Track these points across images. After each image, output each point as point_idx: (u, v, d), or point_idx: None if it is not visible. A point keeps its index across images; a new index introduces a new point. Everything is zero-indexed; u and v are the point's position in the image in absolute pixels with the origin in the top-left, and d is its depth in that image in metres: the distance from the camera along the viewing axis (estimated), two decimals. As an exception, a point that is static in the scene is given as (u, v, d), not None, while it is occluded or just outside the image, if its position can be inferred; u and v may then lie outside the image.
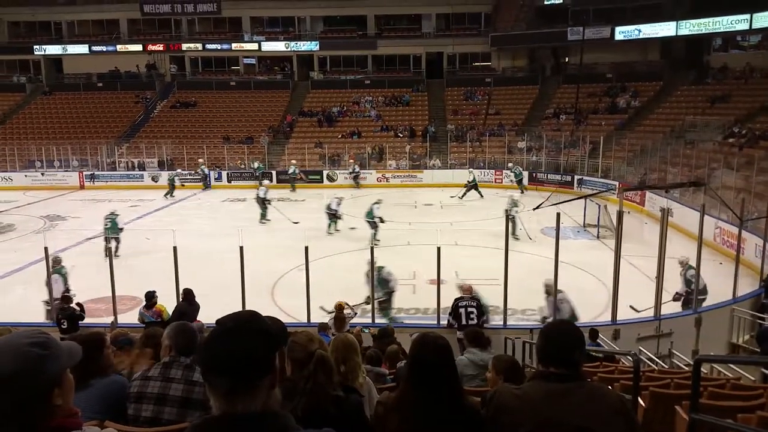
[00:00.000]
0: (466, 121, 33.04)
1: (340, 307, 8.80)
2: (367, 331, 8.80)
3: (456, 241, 15.89)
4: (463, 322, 8.41)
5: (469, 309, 8.58)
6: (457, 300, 8.78)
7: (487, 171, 28.86)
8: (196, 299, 9.19)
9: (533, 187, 26.70)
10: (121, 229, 16.03)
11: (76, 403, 1.55)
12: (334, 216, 18.59)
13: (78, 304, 9.44)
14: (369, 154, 30.58)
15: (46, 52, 38.27)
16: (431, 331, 5.71)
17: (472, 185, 25.27)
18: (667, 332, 9.09)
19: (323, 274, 12.13)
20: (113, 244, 14.75)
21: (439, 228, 17.12)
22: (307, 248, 9.82)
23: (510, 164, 27.54)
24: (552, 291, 9.33)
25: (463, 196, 24.98)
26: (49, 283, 10.02)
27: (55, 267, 10.63)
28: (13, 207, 23.86)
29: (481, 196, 25.03)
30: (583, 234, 18.28)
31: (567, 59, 35.89)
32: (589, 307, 10.68)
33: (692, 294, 9.85)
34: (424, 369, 2.26)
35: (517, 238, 16.34)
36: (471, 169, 26.91)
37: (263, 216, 20.42)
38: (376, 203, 17.76)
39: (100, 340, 3.04)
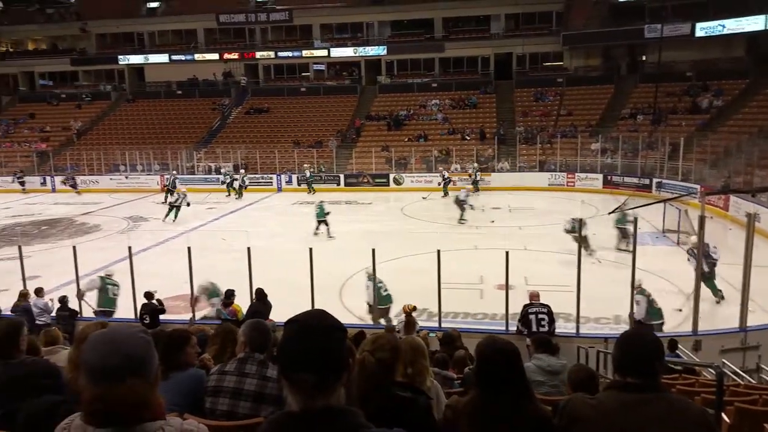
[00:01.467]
0: (536, 122, 32.38)
1: (408, 311, 8.82)
2: (433, 335, 8.77)
3: (525, 245, 15.58)
4: (533, 328, 8.23)
5: (540, 315, 8.39)
6: (526, 306, 8.60)
7: (559, 174, 28.16)
8: (267, 298, 9.47)
9: (608, 190, 25.83)
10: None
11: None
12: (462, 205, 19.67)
13: (158, 300, 9.92)
14: (435, 157, 30.50)
15: (130, 62, 40.42)
16: (499, 336, 5.63)
17: (446, 182, 26.42)
18: (754, 345, 8.55)
19: (392, 276, 12.20)
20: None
21: (507, 232, 16.89)
22: (374, 250, 9.90)
23: (472, 166, 28.10)
24: (642, 291, 9.11)
25: (445, 195, 25.63)
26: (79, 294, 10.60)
27: (107, 280, 11.17)
28: (100, 208, 25.32)
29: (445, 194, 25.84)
30: (662, 240, 17.50)
31: (644, 57, 34.52)
32: (668, 317, 10.21)
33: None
34: (492, 373, 2.23)
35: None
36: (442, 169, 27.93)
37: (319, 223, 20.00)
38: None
39: (186, 337, 3.18)
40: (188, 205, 21.72)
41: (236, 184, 28.03)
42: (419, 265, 13.23)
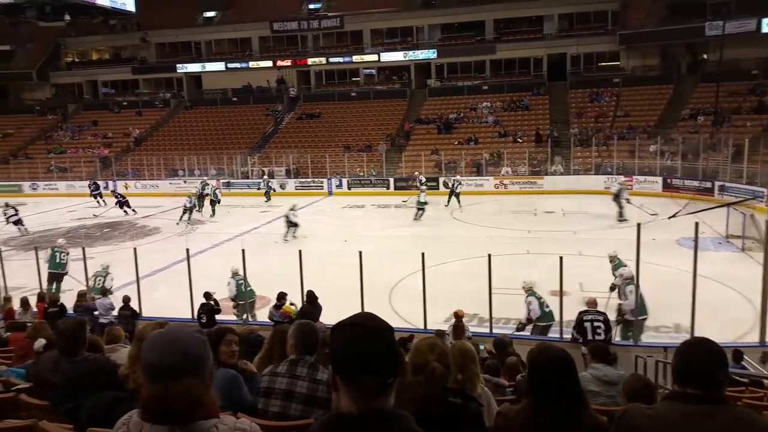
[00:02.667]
0: (591, 124, 31.63)
1: (458, 316, 8.74)
2: (483, 348, 8.66)
3: (580, 251, 15.20)
4: (589, 336, 8.01)
5: (596, 323, 8.16)
6: (581, 313, 8.38)
7: (615, 177, 27.37)
8: (317, 301, 9.59)
9: (668, 193, 24.94)
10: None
11: None
12: None
13: (215, 300, 10.20)
14: (486, 160, 30.20)
15: (188, 70, 41.73)
16: (552, 343, 5.50)
17: (453, 192, 25.12)
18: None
19: (442, 280, 12.14)
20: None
21: (561, 237, 16.53)
22: (423, 254, 9.89)
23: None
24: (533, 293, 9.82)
25: (448, 203, 24.84)
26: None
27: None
28: (159, 212, 26.20)
29: (448, 204, 24.57)
30: (725, 246, 16.74)
31: (705, 56, 33.23)
32: (733, 326, 9.76)
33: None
34: (545, 381, 2.18)
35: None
36: (453, 177, 26.96)
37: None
38: None
39: (220, 334, 3.25)
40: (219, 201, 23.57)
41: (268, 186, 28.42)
42: (470, 269, 13.12)
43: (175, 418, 1.49)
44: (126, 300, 10.53)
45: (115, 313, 10.42)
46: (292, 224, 19.14)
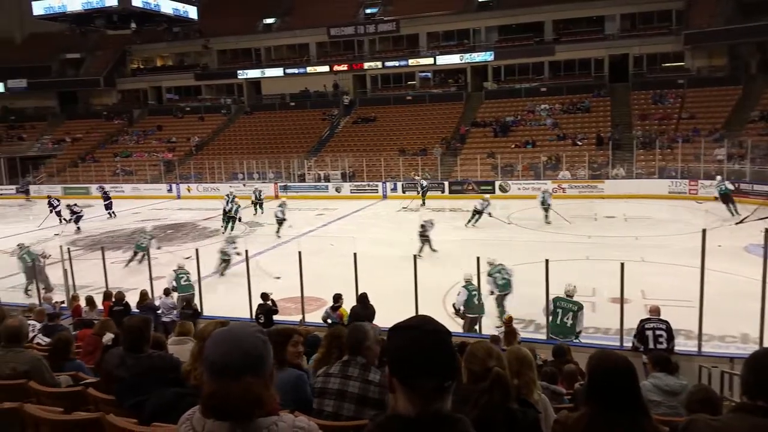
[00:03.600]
0: (655, 126, 30.57)
1: (510, 320, 8.62)
2: (539, 353, 8.49)
3: (642, 257, 14.72)
4: (650, 345, 7.75)
5: (658, 332, 7.88)
6: (643, 321, 8.11)
7: (680, 181, 26.39)
8: (369, 303, 9.64)
9: (736, 198, 23.79)
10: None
11: None
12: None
13: (272, 300, 10.43)
14: (544, 163, 29.64)
15: (248, 76, 42.81)
16: (612, 350, 5.35)
17: (424, 190, 26.61)
18: None
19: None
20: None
21: (622, 242, 16.06)
22: (478, 258, 9.79)
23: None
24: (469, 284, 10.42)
25: (423, 203, 25.88)
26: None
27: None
28: (220, 214, 26.88)
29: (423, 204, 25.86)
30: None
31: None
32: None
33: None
34: (605, 389, 2.12)
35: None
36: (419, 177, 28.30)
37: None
38: None
39: (287, 335, 3.31)
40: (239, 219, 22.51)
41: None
42: (526, 275, 12.88)
43: (234, 415, 1.53)
44: (189, 299, 10.89)
45: (177, 311, 10.79)
46: (280, 221, 20.50)
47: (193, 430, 1.58)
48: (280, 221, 20.54)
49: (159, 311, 10.57)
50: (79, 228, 23.57)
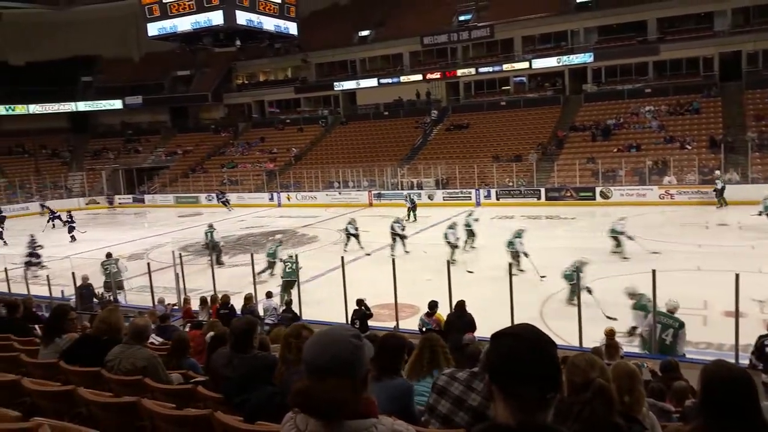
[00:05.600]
0: (773, 127, 28.21)
1: (611, 333, 8.23)
2: (644, 366, 8.04)
3: (760, 268, 13.60)
4: (771, 363, 7.13)
5: (779, 349, 7.24)
6: (762, 338, 7.48)
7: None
8: (466, 311, 9.55)
9: None
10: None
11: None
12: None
13: (366, 306, 10.62)
14: (649, 168, 28.13)
15: (344, 88, 43.91)
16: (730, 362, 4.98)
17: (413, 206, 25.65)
18: None
19: (600, 296, 11.54)
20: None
21: (737, 251, 14.94)
22: (579, 267, 9.44)
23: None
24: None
25: (410, 217, 25.07)
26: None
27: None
28: (317, 222, 27.78)
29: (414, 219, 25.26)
30: None
31: None
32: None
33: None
34: (721, 403, 1.96)
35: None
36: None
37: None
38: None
39: (402, 345, 3.35)
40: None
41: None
42: (631, 286, 12.27)
43: (316, 413, 1.60)
44: (288, 303, 11.30)
45: (277, 315, 11.23)
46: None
47: (296, 429, 1.64)
48: (399, 236, 19.39)
49: (262, 315, 11.05)
50: (73, 237, 24.95)
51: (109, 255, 15.36)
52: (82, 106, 47.07)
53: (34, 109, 45.26)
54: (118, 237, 23.20)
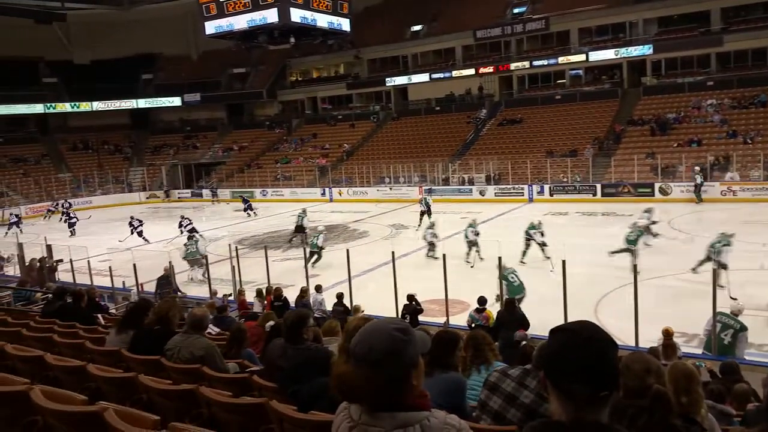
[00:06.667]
0: None
1: (668, 334, 7.99)
2: (702, 365, 7.78)
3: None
4: (842, 369, 6.78)
5: None
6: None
7: None
8: (515, 309, 9.46)
9: None
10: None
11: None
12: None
13: (416, 301, 10.67)
14: (711, 163, 27.03)
15: (395, 83, 43.91)
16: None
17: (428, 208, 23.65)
18: None
19: (658, 294, 11.22)
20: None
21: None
22: (635, 266, 9.21)
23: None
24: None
25: (421, 222, 22.34)
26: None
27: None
28: (368, 216, 27.95)
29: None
30: None
31: None
32: None
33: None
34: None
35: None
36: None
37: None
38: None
39: (456, 340, 3.38)
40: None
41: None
42: (690, 285, 11.89)
43: (355, 399, 1.65)
44: (339, 297, 11.46)
45: (328, 308, 11.41)
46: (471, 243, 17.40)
47: (350, 419, 1.68)
48: (471, 243, 17.36)
49: (314, 308, 11.25)
50: (73, 231, 26.27)
51: (191, 234, 16.20)
52: (142, 103, 48.76)
53: (98, 106, 47.11)
54: (176, 230, 23.90)
